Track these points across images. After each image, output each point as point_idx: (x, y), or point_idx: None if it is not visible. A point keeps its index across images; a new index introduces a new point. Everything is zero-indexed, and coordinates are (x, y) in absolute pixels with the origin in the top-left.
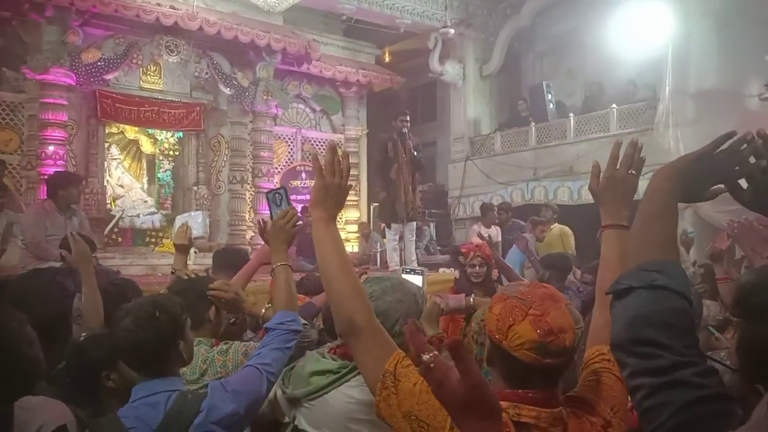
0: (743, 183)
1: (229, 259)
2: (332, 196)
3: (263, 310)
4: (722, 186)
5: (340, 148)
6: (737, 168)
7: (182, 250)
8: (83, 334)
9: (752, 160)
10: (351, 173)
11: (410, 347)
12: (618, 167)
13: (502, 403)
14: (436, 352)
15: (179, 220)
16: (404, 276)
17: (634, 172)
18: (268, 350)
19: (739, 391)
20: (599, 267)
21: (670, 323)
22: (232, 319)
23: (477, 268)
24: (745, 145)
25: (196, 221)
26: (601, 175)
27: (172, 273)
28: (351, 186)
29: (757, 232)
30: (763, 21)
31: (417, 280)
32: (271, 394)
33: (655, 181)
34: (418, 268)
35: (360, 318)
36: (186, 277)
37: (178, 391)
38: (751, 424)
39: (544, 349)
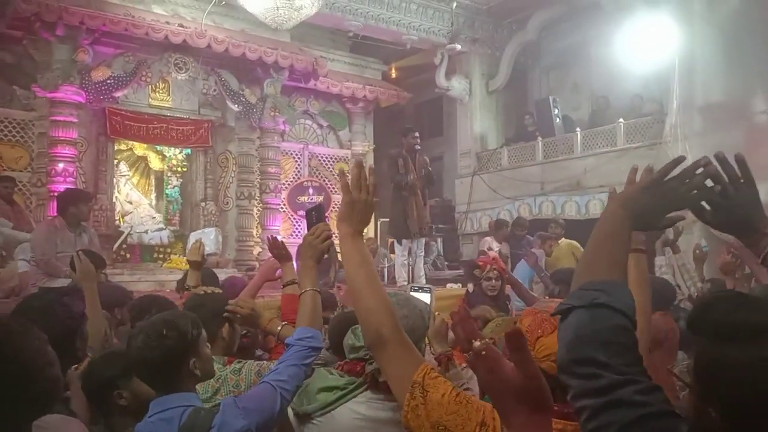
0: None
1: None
2: (358, 212)
3: (279, 328)
4: (680, 214)
5: (366, 164)
6: (694, 193)
7: (196, 266)
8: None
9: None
10: None
11: (459, 333)
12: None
13: None
14: (487, 340)
15: (193, 237)
16: (412, 293)
17: None
18: (285, 366)
19: (697, 415)
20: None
21: (609, 341)
22: (244, 331)
23: (493, 281)
24: (700, 169)
25: (209, 238)
26: None
27: (187, 290)
28: (378, 201)
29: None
30: None
31: (425, 297)
32: None
33: (609, 207)
34: (426, 285)
35: (387, 330)
36: (201, 294)
37: (192, 407)
38: None
39: None
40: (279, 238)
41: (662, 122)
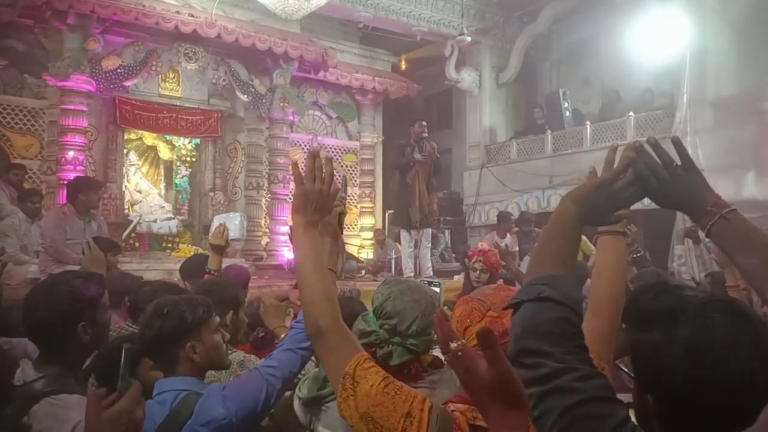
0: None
1: (200, 266)
2: (311, 202)
3: (282, 336)
4: (625, 211)
5: (324, 152)
6: (636, 191)
7: (218, 250)
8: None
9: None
10: (366, 180)
11: (438, 334)
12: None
13: (460, 406)
14: (463, 341)
15: (217, 221)
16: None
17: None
18: (278, 351)
19: (638, 403)
20: (593, 274)
21: (551, 332)
22: (261, 333)
23: (478, 272)
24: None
25: (233, 223)
26: None
27: (208, 273)
28: (337, 190)
29: None
30: None
31: (434, 290)
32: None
33: (562, 203)
34: (435, 279)
35: (324, 322)
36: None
37: (187, 391)
38: (755, 428)
39: None
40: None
41: (672, 116)
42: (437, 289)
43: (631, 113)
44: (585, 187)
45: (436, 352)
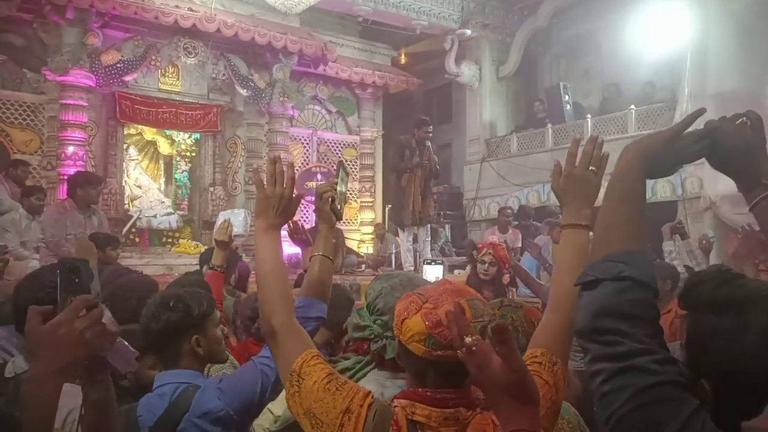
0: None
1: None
2: (272, 206)
3: None
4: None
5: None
6: (704, 148)
7: (222, 246)
8: None
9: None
10: (366, 175)
11: (453, 329)
12: (576, 165)
13: (401, 401)
14: (478, 336)
15: (222, 216)
16: (425, 267)
17: (594, 169)
18: None
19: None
20: (554, 267)
21: (632, 314)
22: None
23: (486, 265)
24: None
25: (237, 219)
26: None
27: (211, 269)
28: (300, 196)
29: (757, 238)
30: None
31: (438, 270)
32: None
33: (626, 160)
34: (439, 258)
35: (277, 321)
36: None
37: (186, 384)
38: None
39: (432, 341)
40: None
41: (673, 110)
42: (440, 268)
43: (632, 106)
44: (651, 140)
45: None
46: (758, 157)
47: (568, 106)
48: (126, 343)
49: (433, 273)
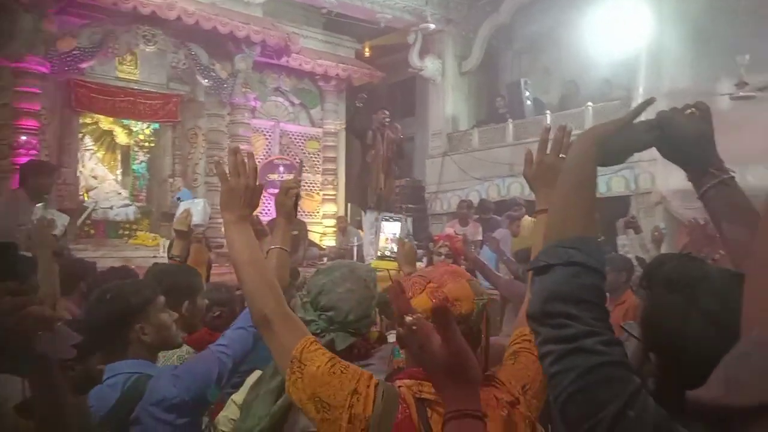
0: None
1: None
2: (239, 197)
3: None
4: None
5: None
6: (651, 139)
7: (182, 236)
8: None
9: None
10: (329, 167)
11: (393, 307)
12: (548, 152)
13: (406, 381)
14: (419, 315)
15: (182, 206)
16: (383, 223)
17: (564, 156)
18: (231, 330)
19: (639, 363)
20: (532, 253)
21: (581, 298)
22: (217, 313)
23: (443, 257)
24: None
25: (197, 208)
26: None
27: (171, 259)
28: (262, 185)
29: (703, 230)
30: (734, 22)
31: (395, 226)
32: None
33: (580, 146)
34: (397, 215)
35: (269, 310)
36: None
37: (139, 374)
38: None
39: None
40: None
41: (629, 107)
42: (398, 224)
43: (590, 103)
44: (605, 127)
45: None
46: (706, 147)
47: (529, 102)
48: (70, 331)
49: (390, 229)
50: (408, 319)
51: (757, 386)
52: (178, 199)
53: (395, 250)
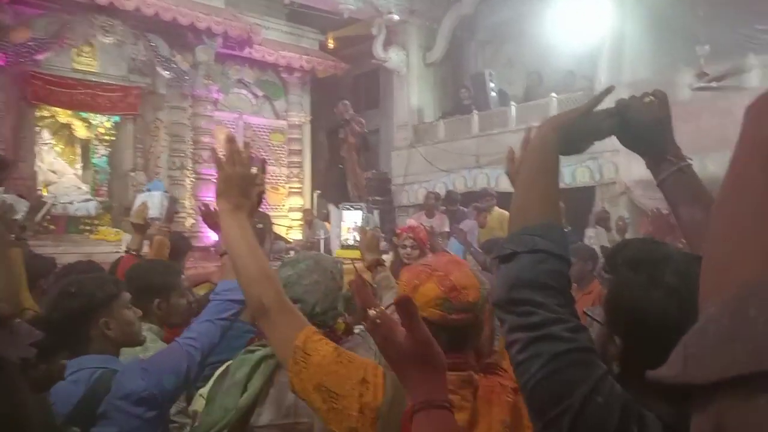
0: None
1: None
2: (235, 186)
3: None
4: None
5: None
6: (611, 127)
7: (139, 229)
8: None
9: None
10: (294, 160)
11: (356, 301)
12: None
13: None
14: (382, 308)
15: (139, 199)
16: (344, 212)
17: None
18: (197, 323)
19: (602, 346)
20: None
21: (546, 284)
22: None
23: (408, 249)
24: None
25: (153, 201)
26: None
27: (127, 253)
28: (257, 175)
29: (666, 219)
30: (694, 14)
31: (356, 215)
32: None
33: (541, 134)
34: (358, 204)
35: (267, 299)
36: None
37: (103, 368)
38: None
39: (448, 305)
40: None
41: (590, 95)
42: (360, 213)
43: (554, 94)
44: (566, 115)
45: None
46: (664, 134)
47: (493, 93)
48: (30, 328)
49: (351, 218)
50: (371, 312)
51: (714, 361)
52: (148, 190)
53: (358, 238)
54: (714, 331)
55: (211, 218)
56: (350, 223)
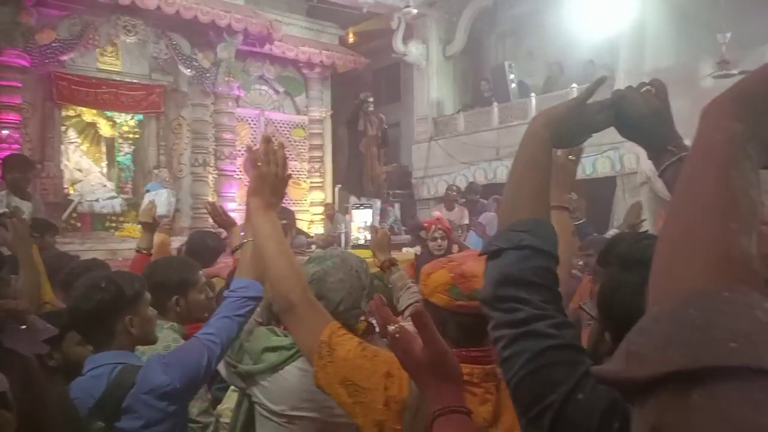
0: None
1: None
2: (269, 185)
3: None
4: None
5: (275, 138)
6: (608, 116)
7: (147, 228)
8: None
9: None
10: (315, 155)
11: (377, 319)
12: (559, 154)
13: None
14: (401, 324)
15: (147, 198)
16: (353, 211)
17: (573, 157)
18: (216, 319)
19: (595, 342)
20: None
21: (532, 281)
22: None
23: (439, 240)
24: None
25: (160, 199)
26: None
27: (137, 251)
28: (290, 176)
29: None
30: (715, 1)
31: (366, 213)
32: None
33: (532, 128)
34: (368, 202)
35: (294, 295)
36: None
37: (124, 364)
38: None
39: (455, 291)
40: (218, 203)
41: (612, 87)
42: (369, 211)
43: (574, 85)
44: (557, 109)
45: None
46: (664, 124)
47: (513, 85)
48: (45, 324)
49: (361, 217)
50: (390, 328)
51: (654, 358)
52: (147, 191)
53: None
54: (656, 331)
55: (219, 217)
56: (360, 222)
